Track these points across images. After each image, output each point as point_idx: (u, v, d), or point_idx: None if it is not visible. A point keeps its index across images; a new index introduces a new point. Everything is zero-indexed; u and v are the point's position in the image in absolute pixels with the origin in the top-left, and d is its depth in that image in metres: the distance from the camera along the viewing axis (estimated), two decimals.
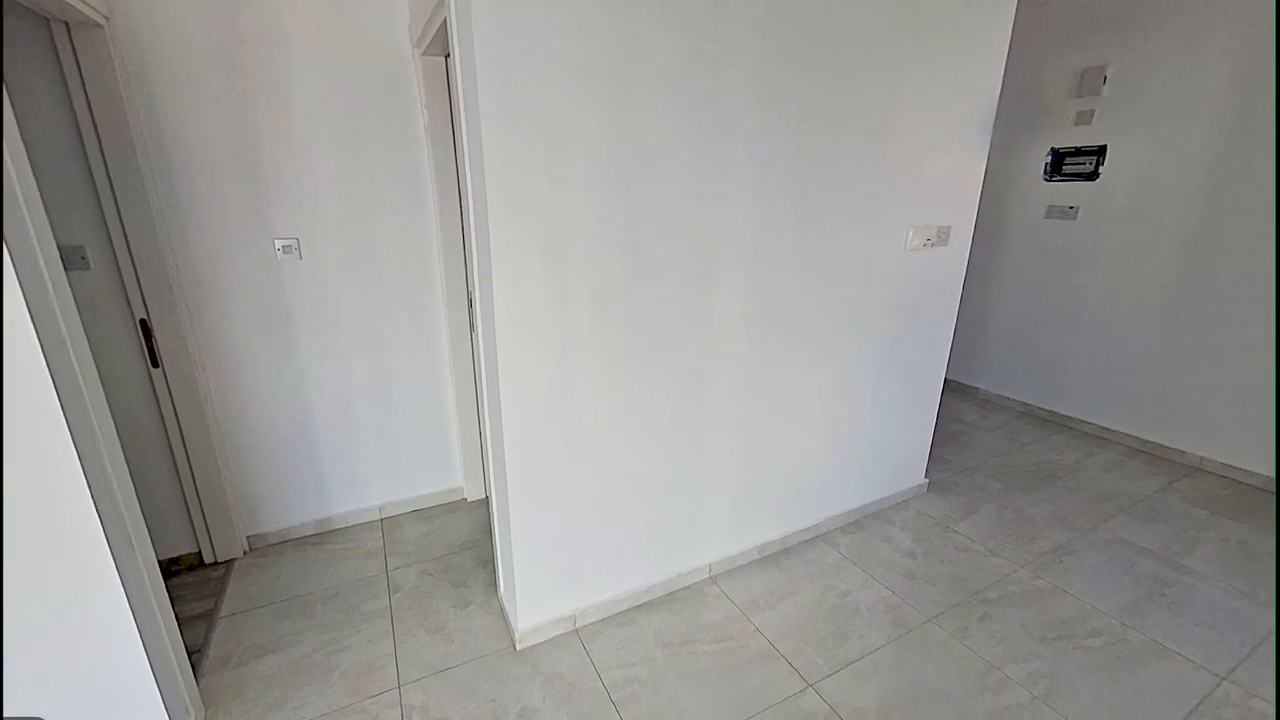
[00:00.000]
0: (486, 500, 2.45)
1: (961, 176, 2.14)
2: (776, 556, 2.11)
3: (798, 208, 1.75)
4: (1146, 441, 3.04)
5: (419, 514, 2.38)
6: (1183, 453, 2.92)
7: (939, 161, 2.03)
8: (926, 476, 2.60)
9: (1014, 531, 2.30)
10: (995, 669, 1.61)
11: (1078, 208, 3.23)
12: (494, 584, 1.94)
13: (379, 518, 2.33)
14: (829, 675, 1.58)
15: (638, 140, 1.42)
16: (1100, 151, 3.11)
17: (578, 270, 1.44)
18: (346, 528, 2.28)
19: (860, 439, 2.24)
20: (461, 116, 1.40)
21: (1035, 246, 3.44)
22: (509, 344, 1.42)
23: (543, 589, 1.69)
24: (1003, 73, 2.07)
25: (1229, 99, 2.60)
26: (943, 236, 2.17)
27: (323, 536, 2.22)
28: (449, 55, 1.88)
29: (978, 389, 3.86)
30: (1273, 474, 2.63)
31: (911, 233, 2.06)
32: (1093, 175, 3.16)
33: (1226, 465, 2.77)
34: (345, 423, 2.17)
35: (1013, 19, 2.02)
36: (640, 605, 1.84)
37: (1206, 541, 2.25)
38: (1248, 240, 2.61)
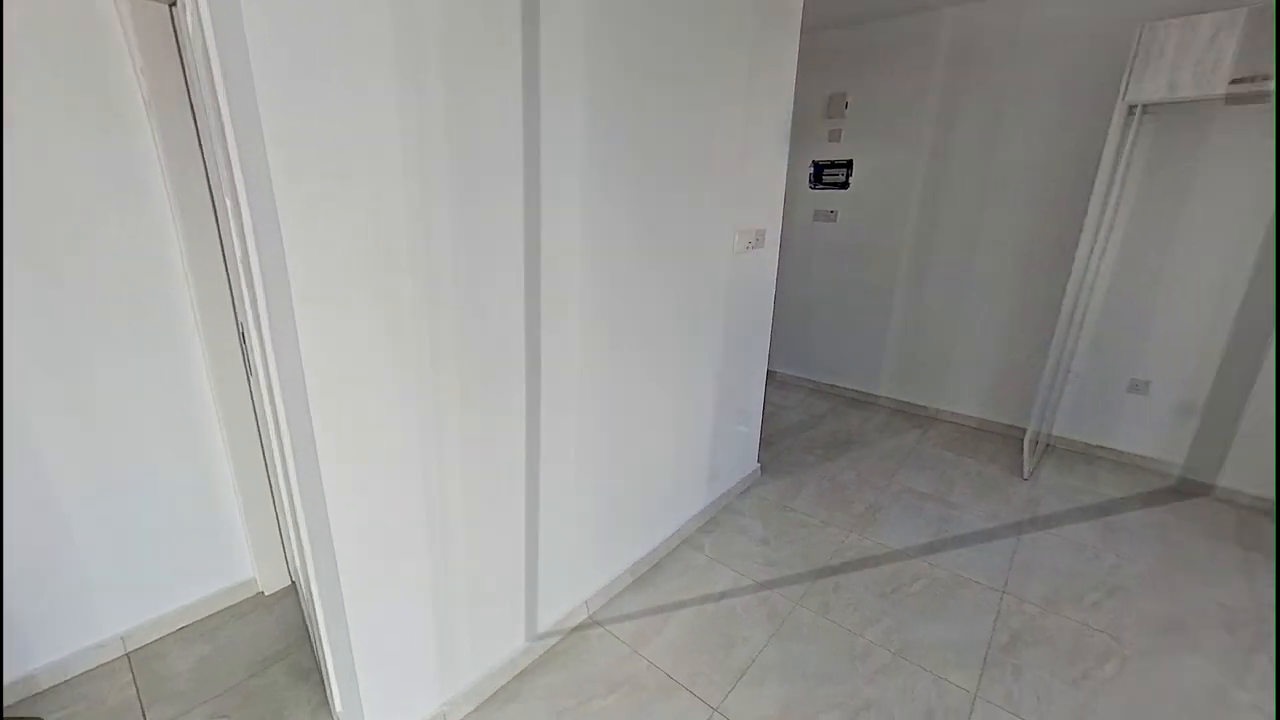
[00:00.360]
0: (295, 588, 1.92)
1: (770, 183, 2.31)
2: (649, 575, 2.05)
3: (639, 216, 1.68)
4: (903, 402, 3.74)
5: (191, 631, 1.75)
6: (925, 407, 3.66)
7: (753, 169, 2.16)
8: (758, 461, 2.80)
9: (835, 499, 2.60)
10: (858, 636, 1.78)
11: (837, 212, 3.81)
12: (326, 703, 1.51)
13: (123, 653, 1.65)
14: (729, 692, 1.56)
15: (473, 131, 1.19)
16: (849, 165, 3.70)
17: (405, 287, 1.16)
18: (67, 682, 1.56)
19: (706, 436, 2.30)
20: (217, 91, 1.00)
21: (808, 245, 3.96)
22: (322, 387, 1.08)
23: (397, 691, 1.36)
24: (794, 88, 2.29)
25: (931, 124, 3.29)
26: (760, 239, 2.33)
27: (21, 707, 1.49)
28: (174, 3, 1.38)
29: (775, 372, 4.34)
30: (985, 416, 3.43)
31: (737, 236, 2.16)
32: (845, 185, 3.74)
33: (954, 413, 3.55)
34: (45, 529, 1.48)
35: (798, 41, 2.24)
36: (521, 673, 1.61)
37: (958, 479, 2.83)
38: (950, 237, 3.35)
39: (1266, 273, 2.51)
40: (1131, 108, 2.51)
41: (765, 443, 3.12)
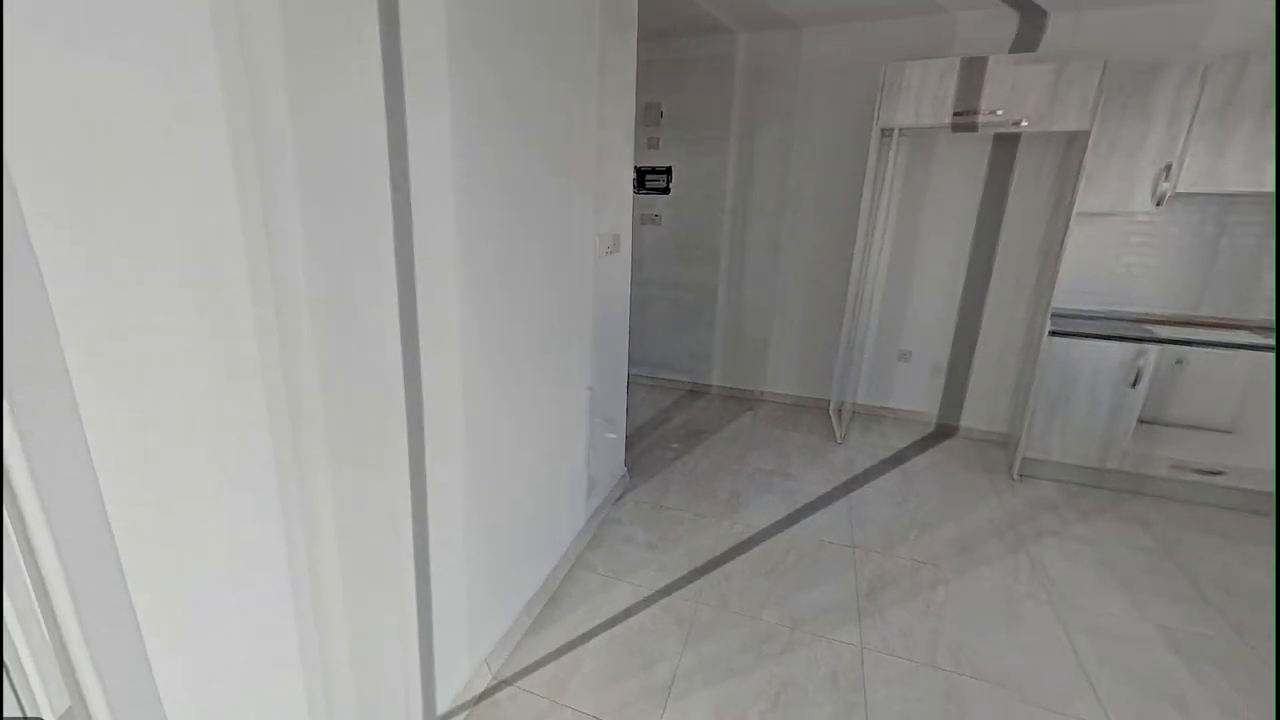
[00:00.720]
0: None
1: (620, 187, 2.30)
2: (548, 610, 1.89)
3: (514, 221, 1.52)
4: (732, 388, 4.08)
5: None
6: (751, 391, 4.05)
7: (607, 172, 2.12)
8: (625, 465, 2.79)
9: (701, 490, 2.72)
10: (758, 620, 1.87)
11: (660, 215, 3.99)
12: None
13: None
14: (662, 714, 1.51)
15: (329, 130, 0.94)
16: (668, 171, 3.89)
17: (246, 320, 0.87)
18: None
19: (583, 448, 2.21)
20: None
21: (638, 247, 4.07)
22: (118, 475, 0.74)
23: None
24: (634, 91, 2.31)
25: (736, 136, 3.62)
26: (616, 244, 2.30)
27: None
28: None
29: None
30: (799, 393, 3.92)
31: (597, 241, 2.10)
32: (666, 190, 3.93)
33: (775, 393, 3.99)
34: None
35: (635, 46, 2.26)
36: None
37: (792, 452, 3.18)
38: (759, 238, 3.74)
39: (979, 258, 3.30)
40: (885, 131, 3.06)
41: (626, 445, 3.13)
